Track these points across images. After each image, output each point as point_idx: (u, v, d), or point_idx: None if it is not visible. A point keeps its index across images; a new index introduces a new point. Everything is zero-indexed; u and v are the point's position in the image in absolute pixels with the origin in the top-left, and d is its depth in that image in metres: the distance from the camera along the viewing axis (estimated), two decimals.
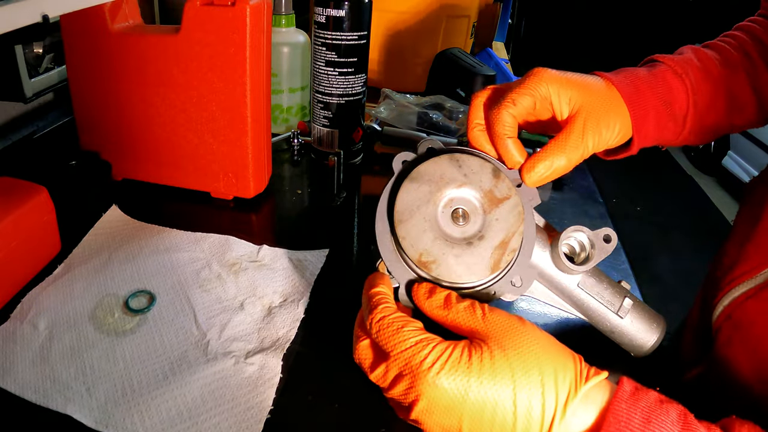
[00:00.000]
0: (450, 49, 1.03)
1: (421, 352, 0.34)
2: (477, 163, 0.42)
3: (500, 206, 0.41)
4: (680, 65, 0.49)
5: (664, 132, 0.49)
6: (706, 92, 0.50)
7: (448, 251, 0.40)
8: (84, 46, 0.63)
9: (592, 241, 0.42)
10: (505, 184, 0.42)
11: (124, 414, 0.40)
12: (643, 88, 0.47)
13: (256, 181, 0.67)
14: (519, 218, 0.41)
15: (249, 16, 0.58)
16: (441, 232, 0.41)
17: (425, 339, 0.35)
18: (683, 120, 0.49)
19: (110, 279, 0.53)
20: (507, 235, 0.41)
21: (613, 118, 0.45)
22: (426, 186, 0.41)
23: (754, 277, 0.45)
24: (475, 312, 0.37)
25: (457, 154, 0.43)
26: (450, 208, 0.41)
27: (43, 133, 0.81)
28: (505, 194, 0.41)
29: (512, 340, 0.35)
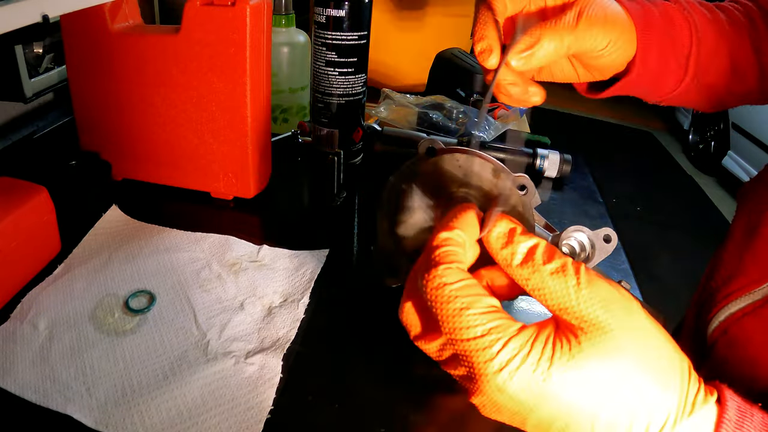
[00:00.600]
0: (450, 49, 1.03)
1: (489, 349, 0.26)
2: (477, 162, 0.42)
3: (500, 206, 0.41)
4: (686, 6, 0.45)
5: (667, 70, 0.44)
6: (711, 40, 0.45)
7: None
8: (84, 46, 0.63)
9: (592, 241, 0.42)
10: (506, 185, 0.42)
11: (124, 414, 0.40)
12: (652, 16, 0.43)
13: (256, 181, 0.67)
14: (519, 218, 0.41)
15: (249, 16, 0.58)
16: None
17: (497, 328, 0.27)
18: (686, 61, 0.45)
19: (110, 279, 0.53)
20: None
21: (619, 30, 0.40)
22: (426, 186, 0.42)
23: (752, 293, 0.42)
24: (567, 279, 0.27)
25: (457, 154, 0.43)
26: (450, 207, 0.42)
27: (43, 133, 0.81)
28: (505, 194, 0.42)
29: (616, 339, 0.26)
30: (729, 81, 0.47)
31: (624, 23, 0.41)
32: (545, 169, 0.79)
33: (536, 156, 0.79)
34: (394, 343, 0.49)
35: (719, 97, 0.48)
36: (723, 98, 0.49)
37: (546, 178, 0.81)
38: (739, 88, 0.48)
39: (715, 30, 0.46)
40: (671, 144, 4.36)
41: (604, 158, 3.65)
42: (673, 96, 0.47)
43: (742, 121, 3.41)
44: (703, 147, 3.91)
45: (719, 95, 0.48)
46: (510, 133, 0.94)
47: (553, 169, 0.79)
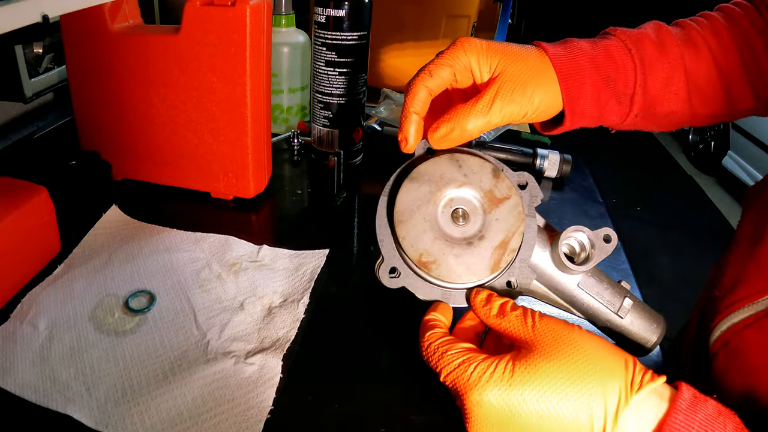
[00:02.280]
0: None
1: (466, 372, 0.35)
2: (477, 162, 0.42)
3: (500, 206, 0.41)
4: (632, 39, 0.45)
5: (606, 111, 0.45)
6: (661, 71, 0.45)
7: (448, 251, 0.40)
8: (84, 46, 0.63)
9: (592, 241, 0.42)
10: (506, 184, 0.42)
11: (124, 414, 0.40)
12: (582, 60, 0.44)
13: (256, 181, 0.67)
14: (519, 218, 0.41)
15: (249, 16, 0.58)
16: (441, 232, 0.41)
17: (469, 358, 0.36)
18: (629, 100, 0.45)
19: (110, 279, 0.53)
20: (507, 235, 0.41)
21: (532, 88, 0.42)
22: (426, 186, 0.41)
23: (755, 303, 0.42)
24: (526, 321, 0.37)
25: (457, 154, 0.42)
26: (450, 208, 0.41)
27: (43, 133, 0.81)
28: (505, 194, 0.41)
29: (557, 350, 0.34)
30: (689, 103, 0.47)
31: (546, 79, 0.43)
32: (545, 169, 0.79)
33: (536, 156, 0.79)
34: (394, 343, 0.49)
35: (678, 119, 0.48)
36: (684, 118, 0.48)
37: (546, 178, 0.81)
38: (702, 109, 0.47)
39: (667, 59, 0.45)
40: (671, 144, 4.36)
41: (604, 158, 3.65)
42: (623, 126, 0.48)
43: (742, 122, 3.41)
44: (703, 147, 3.91)
45: (678, 117, 0.48)
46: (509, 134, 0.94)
47: (553, 169, 0.79)
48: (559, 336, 0.35)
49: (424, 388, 0.45)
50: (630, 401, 0.32)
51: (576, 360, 0.33)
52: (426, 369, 0.44)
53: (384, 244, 0.43)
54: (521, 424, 0.33)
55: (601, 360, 0.34)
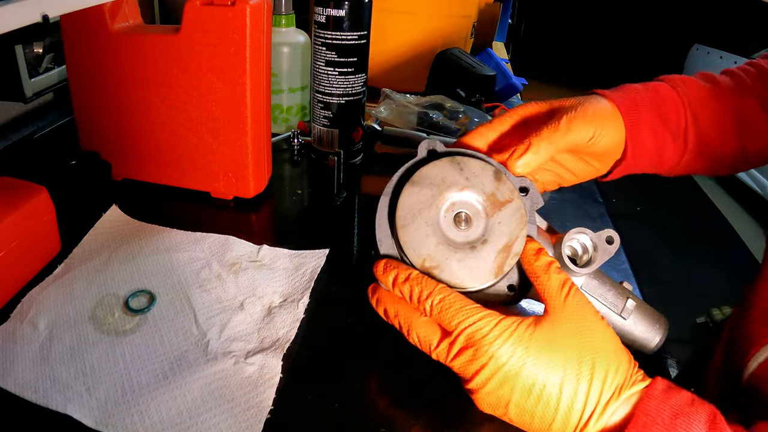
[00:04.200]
0: (450, 49, 1.03)
1: (486, 327, 0.36)
2: (478, 165, 0.42)
3: (503, 209, 0.41)
4: (677, 80, 0.50)
5: (664, 147, 0.48)
6: (710, 108, 0.49)
7: (452, 256, 0.40)
8: (84, 46, 0.63)
9: (595, 243, 0.42)
10: (507, 187, 0.41)
11: (124, 414, 0.40)
12: (638, 98, 0.47)
13: (256, 181, 0.67)
14: (522, 221, 0.41)
15: (249, 16, 0.58)
16: (443, 236, 0.40)
17: (490, 313, 0.37)
18: (683, 135, 0.48)
19: (110, 279, 0.53)
20: (510, 238, 0.40)
21: (601, 119, 0.45)
22: (428, 190, 0.41)
23: None
24: (562, 288, 0.38)
25: (458, 157, 0.42)
26: (452, 212, 0.41)
27: (43, 133, 0.81)
28: (508, 197, 0.41)
29: (579, 328, 0.36)
30: (739, 140, 0.49)
31: (609, 112, 0.46)
32: None
33: None
34: (394, 343, 0.49)
35: (732, 158, 0.51)
36: (737, 158, 0.51)
37: None
38: (753, 145, 0.50)
39: (715, 98, 0.49)
40: None
41: None
42: (680, 167, 0.50)
43: None
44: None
45: (731, 157, 0.50)
46: None
47: None
48: (584, 316, 0.36)
49: (424, 388, 0.45)
50: (622, 395, 0.34)
51: (592, 344, 0.35)
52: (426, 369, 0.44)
53: (384, 246, 0.42)
54: (523, 387, 0.35)
55: (612, 352, 0.36)
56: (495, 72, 1.00)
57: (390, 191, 0.43)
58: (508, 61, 1.33)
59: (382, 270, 0.40)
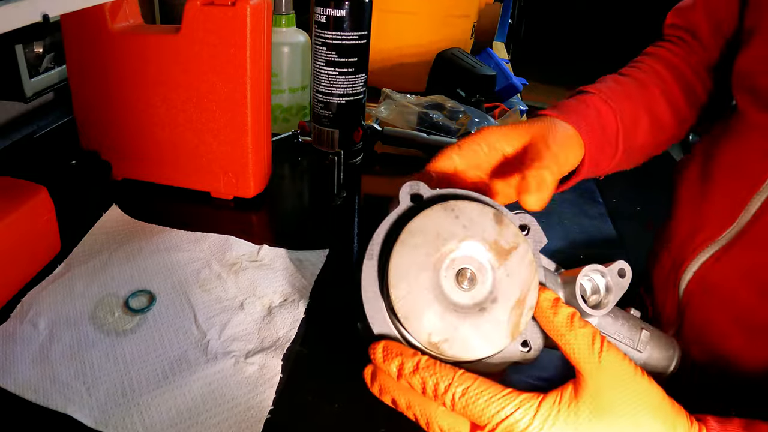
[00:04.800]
0: (450, 49, 1.03)
1: (527, 416, 0.31)
2: (476, 210, 0.35)
3: (509, 258, 0.34)
4: (605, 92, 0.53)
5: (602, 155, 0.51)
6: (629, 112, 0.53)
7: (460, 324, 0.33)
8: (84, 46, 0.63)
9: (608, 282, 0.38)
10: (511, 231, 0.35)
11: (124, 414, 0.40)
12: (588, 119, 0.50)
13: (256, 181, 0.67)
14: (531, 269, 0.35)
15: (249, 16, 0.58)
16: (448, 301, 0.34)
17: (526, 398, 0.32)
18: (615, 141, 0.52)
19: (110, 279, 0.53)
20: (522, 291, 0.34)
21: (569, 143, 0.47)
22: (422, 248, 0.34)
23: (718, 240, 0.48)
24: (593, 345, 0.32)
25: (452, 202, 0.35)
26: (453, 270, 0.34)
27: (43, 133, 0.81)
28: (513, 243, 0.35)
29: (623, 384, 0.32)
30: (652, 135, 0.56)
31: (573, 136, 0.47)
32: None
33: None
34: None
35: (647, 150, 0.57)
36: (650, 149, 0.58)
37: None
38: (662, 136, 0.57)
39: (631, 102, 0.54)
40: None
41: None
42: (610, 169, 0.54)
43: None
44: None
45: (647, 149, 0.57)
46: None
47: None
48: (625, 374, 0.32)
49: None
50: None
51: (643, 404, 0.32)
52: None
53: (377, 323, 0.35)
54: None
55: (662, 407, 0.32)
56: (495, 72, 1.00)
57: (376, 254, 0.35)
58: (509, 61, 1.33)
59: (381, 357, 0.34)
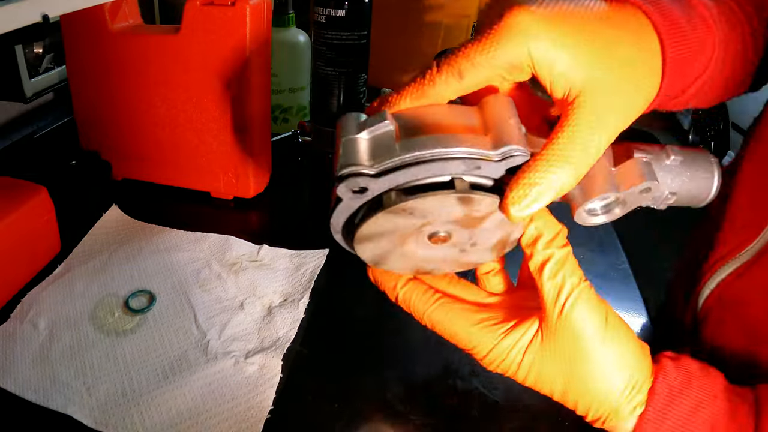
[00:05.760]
0: (450, 49, 1.03)
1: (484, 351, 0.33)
2: (433, 203, 0.28)
3: (487, 221, 0.30)
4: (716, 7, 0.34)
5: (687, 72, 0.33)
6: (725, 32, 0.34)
7: (443, 260, 0.33)
8: (84, 46, 0.63)
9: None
10: (485, 203, 0.28)
11: (124, 414, 0.40)
12: (683, 25, 0.31)
13: (256, 181, 0.67)
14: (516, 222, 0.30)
15: (249, 16, 0.58)
16: (427, 256, 0.33)
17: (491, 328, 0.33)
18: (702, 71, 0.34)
19: (110, 279, 0.53)
20: (504, 235, 0.32)
21: (642, 76, 0.29)
22: (383, 241, 0.31)
23: (740, 255, 0.43)
24: (558, 297, 0.31)
25: (400, 205, 0.28)
26: (424, 236, 0.31)
27: (43, 133, 0.81)
28: (488, 210, 0.29)
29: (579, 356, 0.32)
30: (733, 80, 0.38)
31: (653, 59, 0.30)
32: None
33: None
34: (393, 343, 0.49)
35: (720, 97, 0.41)
36: (723, 97, 0.41)
37: None
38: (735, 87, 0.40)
39: (727, 19, 0.35)
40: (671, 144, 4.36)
41: None
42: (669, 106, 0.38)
43: (742, 122, 3.41)
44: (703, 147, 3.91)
45: (720, 95, 0.40)
46: None
47: None
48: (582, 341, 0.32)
49: (424, 388, 0.45)
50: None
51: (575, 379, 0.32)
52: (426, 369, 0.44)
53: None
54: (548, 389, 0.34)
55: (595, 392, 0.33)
56: None
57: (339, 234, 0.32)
58: None
59: (374, 282, 0.36)
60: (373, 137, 0.28)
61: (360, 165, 0.27)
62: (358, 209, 0.30)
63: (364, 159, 0.28)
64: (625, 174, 0.32)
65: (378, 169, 0.27)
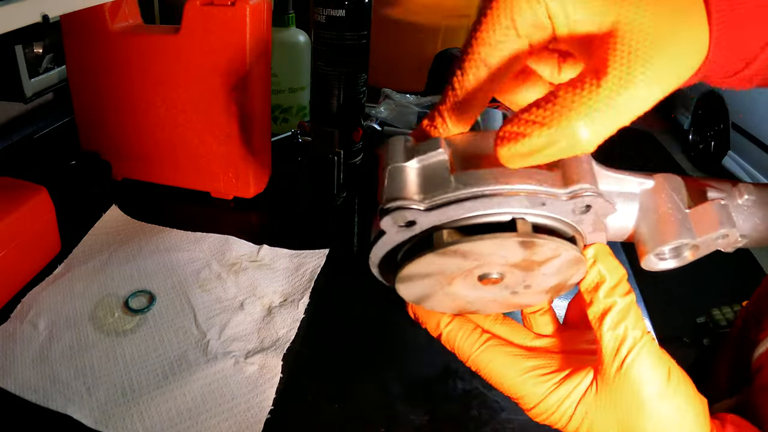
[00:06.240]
0: (450, 49, 1.04)
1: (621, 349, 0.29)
2: (489, 246, 0.25)
3: (546, 264, 0.27)
4: None
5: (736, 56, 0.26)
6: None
7: (491, 301, 0.30)
8: (84, 46, 0.63)
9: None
10: (547, 248, 0.25)
11: (124, 414, 0.40)
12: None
13: (256, 181, 0.67)
14: (577, 266, 0.28)
15: (249, 16, 0.58)
16: (474, 297, 0.30)
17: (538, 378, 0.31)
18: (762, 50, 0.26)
19: (110, 279, 0.53)
20: (561, 280, 0.29)
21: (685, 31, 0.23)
22: (428, 280, 0.28)
23: None
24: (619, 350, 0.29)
25: (452, 247, 0.24)
26: (474, 276, 0.27)
27: (43, 133, 0.81)
28: (549, 255, 0.26)
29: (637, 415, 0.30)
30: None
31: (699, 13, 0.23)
32: None
33: None
34: (393, 343, 0.49)
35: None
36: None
37: None
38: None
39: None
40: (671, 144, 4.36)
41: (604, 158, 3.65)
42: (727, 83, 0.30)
43: (742, 121, 3.41)
44: (703, 147, 3.91)
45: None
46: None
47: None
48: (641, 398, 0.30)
49: (424, 388, 0.45)
50: None
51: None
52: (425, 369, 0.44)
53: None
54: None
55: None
56: None
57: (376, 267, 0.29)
58: None
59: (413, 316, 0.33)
60: (424, 166, 0.25)
61: (408, 199, 0.24)
62: (402, 243, 0.26)
63: (414, 191, 0.25)
64: (701, 218, 0.29)
65: (429, 204, 0.24)
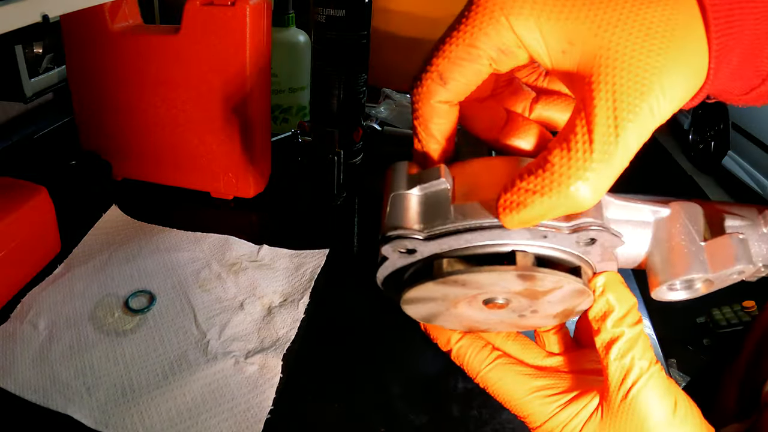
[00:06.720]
0: None
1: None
2: (490, 278, 0.25)
3: (551, 294, 0.27)
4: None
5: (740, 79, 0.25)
6: None
7: (499, 322, 0.30)
8: (84, 46, 0.63)
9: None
10: (548, 281, 0.25)
11: (124, 414, 0.40)
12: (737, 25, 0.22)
13: (256, 181, 0.67)
14: (582, 297, 0.28)
15: (249, 16, 0.58)
16: (481, 318, 0.30)
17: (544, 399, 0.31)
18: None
19: (110, 279, 0.53)
20: (568, 307, 0.29)
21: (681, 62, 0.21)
22: (431, 304, 0.28)
23: None
24: (624, 380, 0.28)
25: (453, 276, 0.25)
26: (478, 300, 0.27)
27: (43, 133, 0.81)
28: (551, 287, 0.26)
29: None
30: None
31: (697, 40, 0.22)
32: None
33: None
34: (393, 343, 0.49)
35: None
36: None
37: None
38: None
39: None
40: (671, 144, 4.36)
41: None
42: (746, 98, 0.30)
43: (742, 121, 3.41)
44: (703, 147, 3.91)
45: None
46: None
47: None
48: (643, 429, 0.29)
49: (424, 388, 0.45)
50: None
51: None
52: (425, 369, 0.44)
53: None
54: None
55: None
56: None
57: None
58: None
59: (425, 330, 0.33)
60: (426, 194, 0.26)
61: (408, 228, 0.25)
62: (407, 266, 0.27)
63: (414, 220, 0.25)
64: (716, 251, 0.28)
65: (428, 234, 0.25)
